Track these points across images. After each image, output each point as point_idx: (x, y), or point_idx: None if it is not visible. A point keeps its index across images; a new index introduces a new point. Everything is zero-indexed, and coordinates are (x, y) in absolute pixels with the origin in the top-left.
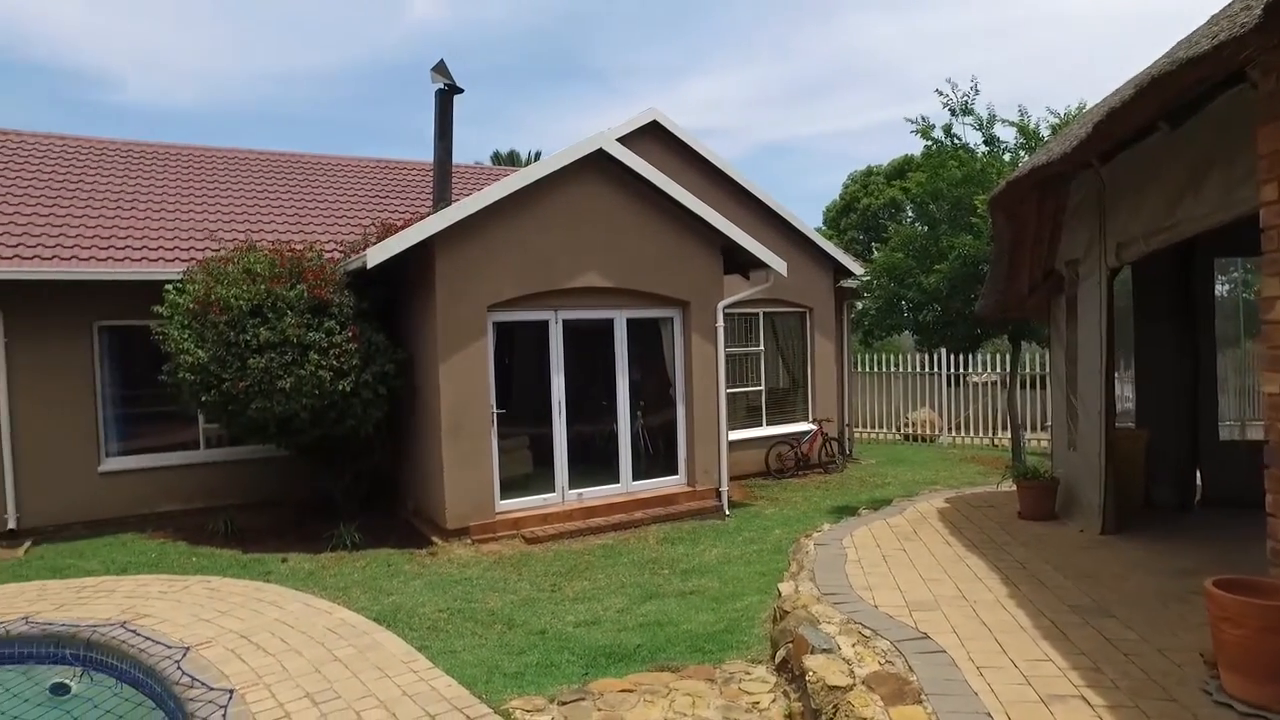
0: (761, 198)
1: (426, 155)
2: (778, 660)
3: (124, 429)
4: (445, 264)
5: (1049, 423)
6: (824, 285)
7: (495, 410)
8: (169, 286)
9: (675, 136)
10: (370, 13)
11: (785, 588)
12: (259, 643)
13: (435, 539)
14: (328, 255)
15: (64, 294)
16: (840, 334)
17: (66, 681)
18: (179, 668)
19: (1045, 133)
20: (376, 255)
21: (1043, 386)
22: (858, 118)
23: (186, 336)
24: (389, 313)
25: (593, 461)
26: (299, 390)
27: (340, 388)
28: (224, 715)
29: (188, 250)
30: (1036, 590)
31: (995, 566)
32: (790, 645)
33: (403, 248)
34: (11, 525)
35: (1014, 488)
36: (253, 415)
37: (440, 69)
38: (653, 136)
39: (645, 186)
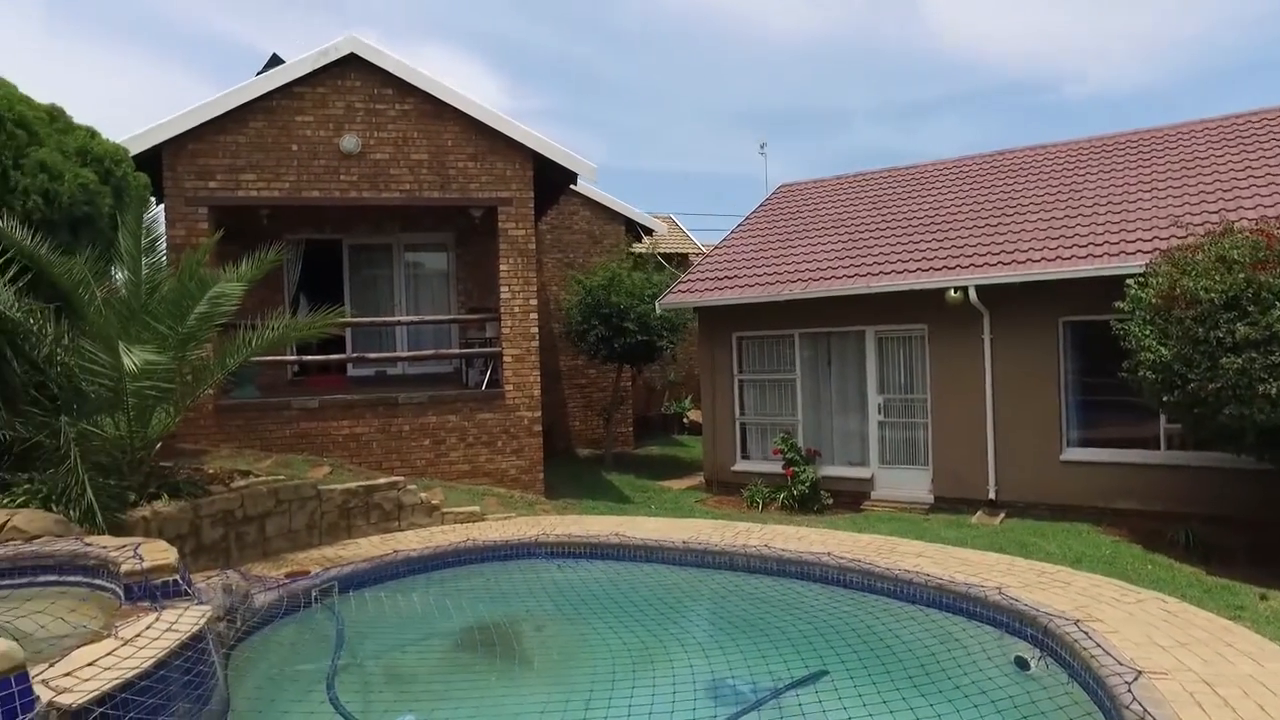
0: None
1: None
2: None
3: (1083, 420)
4: None
5: None
6: None
7: None
8: (1130, 281)
9: None
10: None
11: None
12: (1225, 696)
13: None
14: None
15: (1033, 294)
16: None
17: (1028, 659)
18: (1130, 691)
19: None
20: None
21: None
22: None
23: (1148, 333)
24: None
25: None
26: None
27: None
28: None
29: (1150, 241)
30: None
31: None
32: None
33: None
34: (991, 496)
35: None
36: (1224, 421)
37: None
38: None
39: None
